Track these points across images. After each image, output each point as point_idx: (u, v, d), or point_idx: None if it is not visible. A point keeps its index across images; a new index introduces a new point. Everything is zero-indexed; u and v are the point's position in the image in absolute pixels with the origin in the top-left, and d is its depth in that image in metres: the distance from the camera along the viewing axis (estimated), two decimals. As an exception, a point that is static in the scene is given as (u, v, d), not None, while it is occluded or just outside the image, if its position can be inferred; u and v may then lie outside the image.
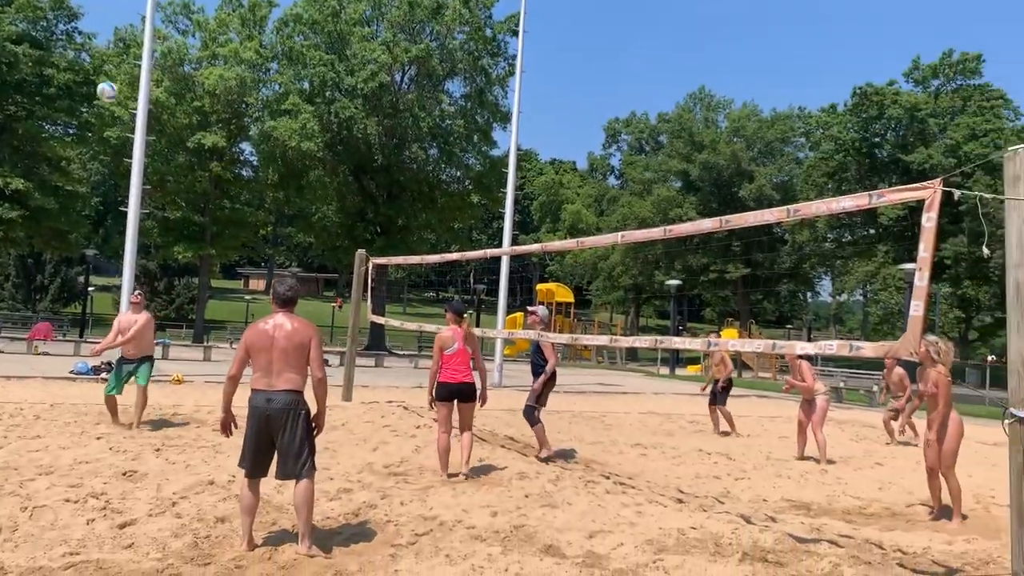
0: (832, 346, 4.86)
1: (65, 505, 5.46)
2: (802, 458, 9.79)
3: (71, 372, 15.55)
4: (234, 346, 34.28)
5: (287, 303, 4.84)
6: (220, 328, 46.11)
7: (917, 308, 4.35)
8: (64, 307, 54.05)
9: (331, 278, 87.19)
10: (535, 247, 8.96)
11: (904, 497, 7.66)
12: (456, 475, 7.14)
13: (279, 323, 4.74)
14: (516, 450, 9.08)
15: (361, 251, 14.05)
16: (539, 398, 8.64)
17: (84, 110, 34.95)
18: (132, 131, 17.62)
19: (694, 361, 39.76)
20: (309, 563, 4.50)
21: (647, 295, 60.50)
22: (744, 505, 6.92)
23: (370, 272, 13.96)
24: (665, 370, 34.91)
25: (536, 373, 8.71)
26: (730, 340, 6.94)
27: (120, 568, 4.25)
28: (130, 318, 9.43)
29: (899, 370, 11.61)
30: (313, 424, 4.83)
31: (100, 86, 17.67)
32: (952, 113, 43.34)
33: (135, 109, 17.52)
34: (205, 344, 26.07)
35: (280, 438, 4.66)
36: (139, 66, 17.69)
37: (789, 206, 5.30)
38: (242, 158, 40.36)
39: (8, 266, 53.96)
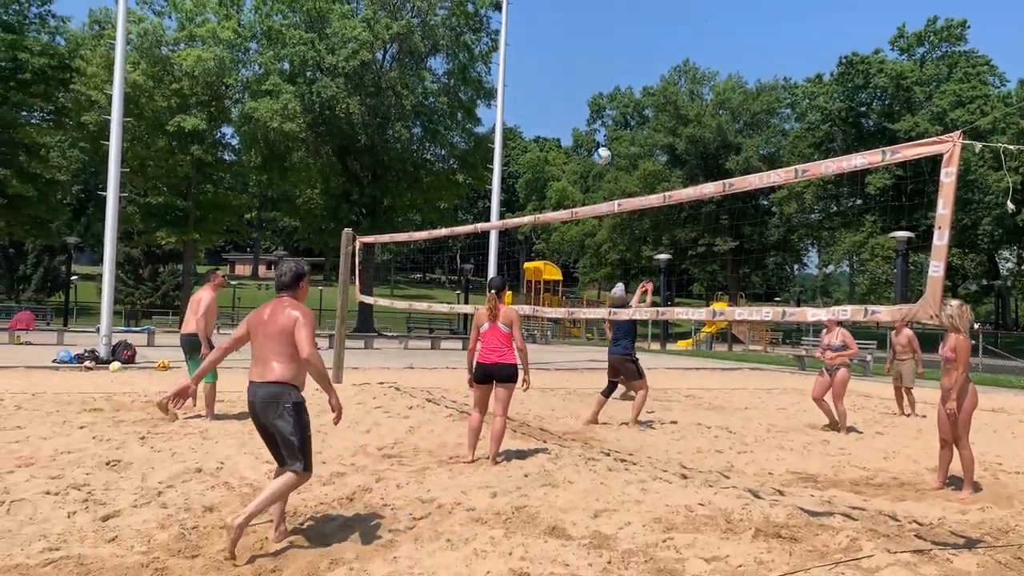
0: (846, 311, 4.65)
1: (45, 498, 5.20)
2: (831, 428, 9.73)
3: (54, 361, 15.23)
4: (222, 332, 34.01)
5: (283, 288, 4.54)
6: (206, 314, 45.65)
7: (937, 268, 4.14)
8: (48, 296, 53.39)
9: (317, 261, 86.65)
10: (527, 219, 8.70)
11: (911, 466, 7.51)
12: (478, 459, 6.90)
13: (272, 308, 4.45)
14: (512, 428, 8.87)
15: (348, 230, 13.73)
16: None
17: (60, 95, 34.25)
18: (110, 115, 17.19)
19: (684, 336, 39.73)
20: (304, 552, 4.29)
21: (635, 270, 60.45)
22: (750, 479, 6.74)
23: (357, 252, 13.67)
24: (656, 345, 34.83)
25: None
26: (741, 309, 6.72)
27: (103, 563, 4.01)
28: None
29: (907, 331, 11.44)
30: (332, 412, 4.56)
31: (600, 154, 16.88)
32: (938, 80, 43.21)
33: (112, 92, 17.10)
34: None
35: (269, 433, 4.40)
36: (114, 48, 17.22)
37: (797, 166, 5.07)
38: (224, 141, 39.77)
39: (-11, 256, 53.26)
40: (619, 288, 9.44)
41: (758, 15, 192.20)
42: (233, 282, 58.48)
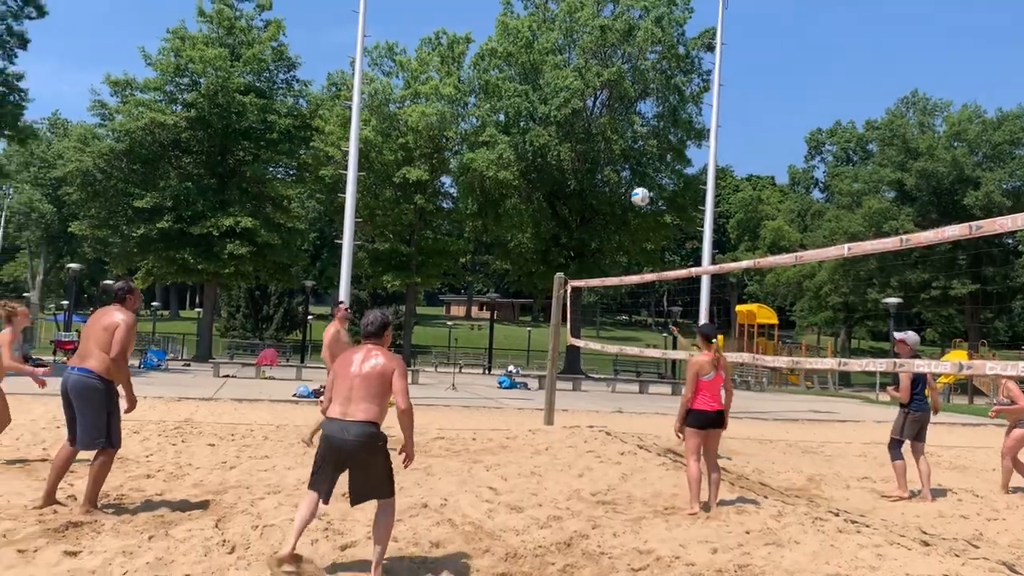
0: None
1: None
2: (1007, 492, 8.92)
3: (294, 395, 16.62)
4: (439, 369, 35.64)
5: (369, 336, 4.81)
6: (425, 352, 48.04)
7: None
8: (287, 335, 58.56)
9: (526, 303, 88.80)
10: (744, 263, 8.45)
11: None
12: (708, 508, 6.82)
13: (364, 353, 4.70)
14: (729, 480, 8.56)
15: (560, 274, 14.02)
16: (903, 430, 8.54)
17: (302, 152, 37.78)
18: (345, 169, 18.78)
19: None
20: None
21: (859, 315, 56.67)
22: (1003, 550, 6.06)
23: (568, 295, 13.89)
24: (885, 396, 32.32)
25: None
26: (992, 362, 6.10)
27: (342, 591, 4.29)
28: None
29: None
30: (403, 456, 4.73)
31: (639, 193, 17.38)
32: None
33: (347, 148, 18.68)
34: (412, 368, 27.16)
35: (355, 469, 4.60)
36: (350, 108, 18.83)
37: (1059, 206, 4.56)
38: (443, 190, 41.98)
39: (239, 298, 59.43)
40: (914, 334, 8.29)
41: (993, 39, 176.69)
42: (449, 322, 61.26)
